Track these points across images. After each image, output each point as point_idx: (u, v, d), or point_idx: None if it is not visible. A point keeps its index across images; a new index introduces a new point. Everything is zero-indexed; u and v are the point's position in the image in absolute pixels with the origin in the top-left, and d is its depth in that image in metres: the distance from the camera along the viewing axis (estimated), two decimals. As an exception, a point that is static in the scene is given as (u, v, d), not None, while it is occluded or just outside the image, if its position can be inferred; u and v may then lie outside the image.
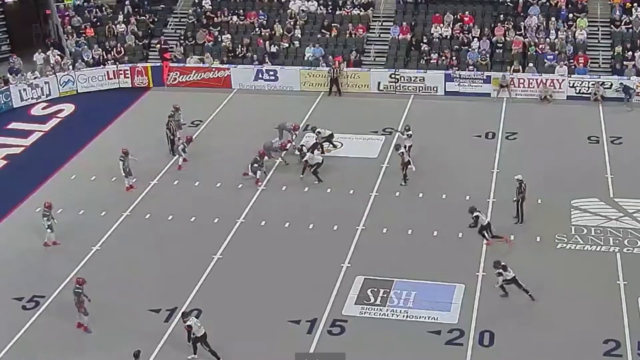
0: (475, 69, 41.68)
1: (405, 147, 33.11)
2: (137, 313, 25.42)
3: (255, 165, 32.74)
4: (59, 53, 44.86)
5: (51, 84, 42.89)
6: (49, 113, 41.49)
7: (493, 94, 40.81)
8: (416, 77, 41.72)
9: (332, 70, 41.87)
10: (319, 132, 34.96)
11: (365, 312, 25.17)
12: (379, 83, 42.13)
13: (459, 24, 44.49)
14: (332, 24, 45.80)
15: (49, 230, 29.19)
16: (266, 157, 33.35)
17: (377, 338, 24.04)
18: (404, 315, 24.97)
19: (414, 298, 25.61)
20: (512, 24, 43.92)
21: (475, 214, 28.22)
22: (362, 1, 46.61)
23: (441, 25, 44.58)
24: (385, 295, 25.82)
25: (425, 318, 24.75)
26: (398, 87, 41.87)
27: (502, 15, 44.42)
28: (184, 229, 30.19)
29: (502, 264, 25.10)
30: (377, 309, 25.27)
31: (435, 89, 41.59)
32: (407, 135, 33.81)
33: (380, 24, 46.21)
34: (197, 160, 34.66)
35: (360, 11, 46.41)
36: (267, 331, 24.42)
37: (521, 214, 29.34)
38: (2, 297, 26.56)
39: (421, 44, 43.91)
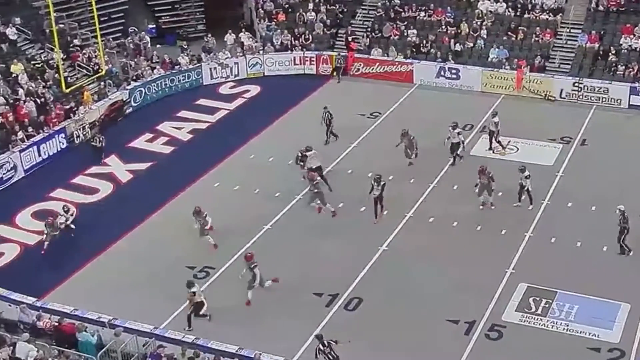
0: (663, 84, 40.42)
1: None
2: (301, 295, 26.36)
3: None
4: (250, 36, 46.46)
5: (240, 65, 44.47)
6: (236, 93, 43.03)
7: (680, 112, 39.50)
8: (600, 88, 40.74)
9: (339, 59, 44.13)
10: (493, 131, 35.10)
11: (524, 320, 25.12)
12: (561, 90, 41.47)
13: (650, 36, 43.21)
14: (519, 27, 45.34)
15: None
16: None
17: (534, 348, 23.97)
18: (564, 328, 24.77)
19: (576, 312, 25.33)
20: None
21: None
22: (552, 6, 45.89)
23: (631, 36, 43.31)
24: (547, 305, 25.65)
25: (585, 334, 24.46)
26: (580, 96, 41.02)
27: (698, 30, 42.79)
28: (354, 217, 30.79)
29: None
30: (538, 319, 25.16)
31: (618, 101, 40.52)
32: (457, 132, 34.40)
33: (568, 30, 45.27)
34: (369, 151, 35.11)
35: (549, 16, 45.66)
36: (424, 327, 24.83)
37: (626, 246, 28.15)
38: (176, 265, 28.13)
39: (609, 54, 42.90)
